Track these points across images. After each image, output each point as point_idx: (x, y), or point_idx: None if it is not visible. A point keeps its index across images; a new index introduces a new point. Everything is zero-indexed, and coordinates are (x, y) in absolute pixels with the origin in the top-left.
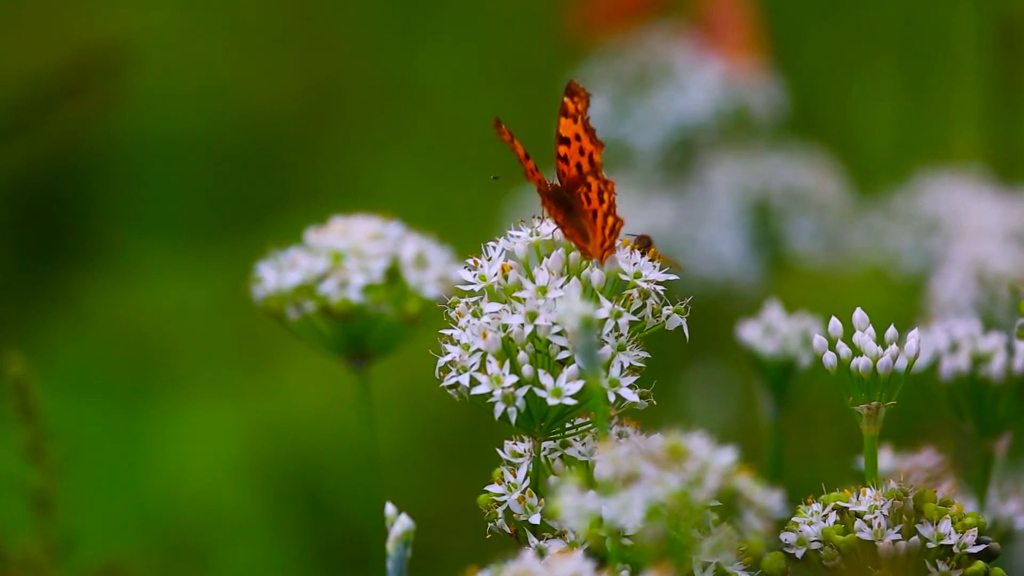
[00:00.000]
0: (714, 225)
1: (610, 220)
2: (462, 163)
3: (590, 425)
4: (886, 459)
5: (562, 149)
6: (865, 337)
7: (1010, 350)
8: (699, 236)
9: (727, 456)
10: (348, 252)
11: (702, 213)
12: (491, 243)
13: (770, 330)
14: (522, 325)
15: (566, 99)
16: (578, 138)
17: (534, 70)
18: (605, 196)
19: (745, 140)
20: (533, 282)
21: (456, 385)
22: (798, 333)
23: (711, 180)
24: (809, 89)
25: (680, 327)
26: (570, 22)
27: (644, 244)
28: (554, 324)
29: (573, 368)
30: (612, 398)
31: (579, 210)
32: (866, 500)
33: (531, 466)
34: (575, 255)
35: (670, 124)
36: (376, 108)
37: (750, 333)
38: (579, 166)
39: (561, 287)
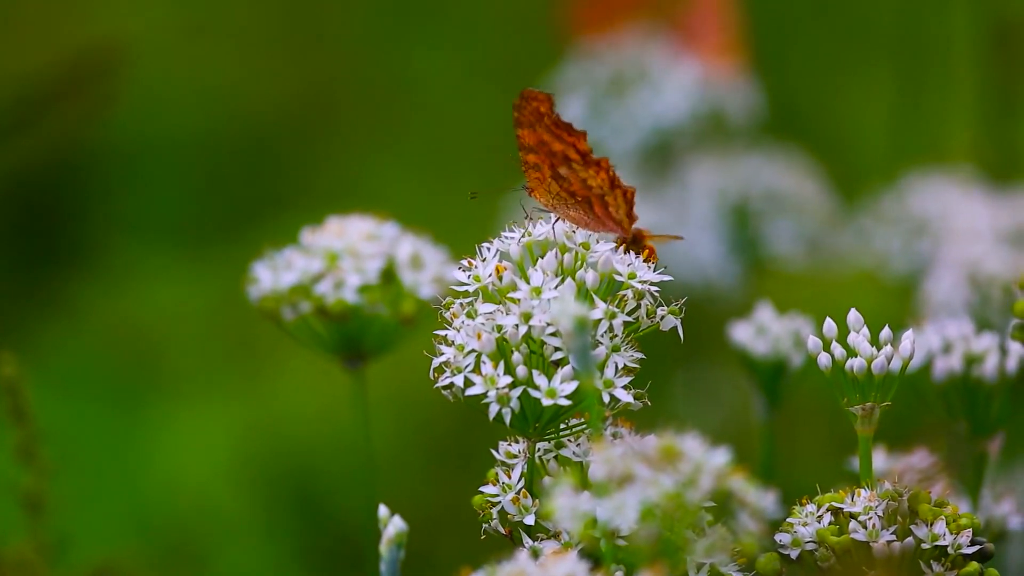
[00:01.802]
0: (693, 228)
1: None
2: (457, 165)
3: (584, 426)
4: (879, 460)
5: (531, 158)
6: (859, 338)
7: (1003, 351)
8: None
9: (721, 457)
10: (344, 252)
11: (681, 216)
12: (485, 244)
13: (761, 331)
14: (516, 326)
15: (516, 113)
16: (542, 143)
17: (529, 73)
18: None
19: (723, 143)
20: (528, 283)
21: (451, 386)
22: (789, 334)
23: (690, 183)
24: (801, 91)
25: (674, 328)
26: (561, 21)
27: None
28: (549, 325)
29: (567, 369)
30: (607, 399)
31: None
32: (861, 501)
33: (525, 467)
34: (569, 257)
35: (647, 127)
36: (372, 110)
37: (742, 334)
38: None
39: (556, 288)
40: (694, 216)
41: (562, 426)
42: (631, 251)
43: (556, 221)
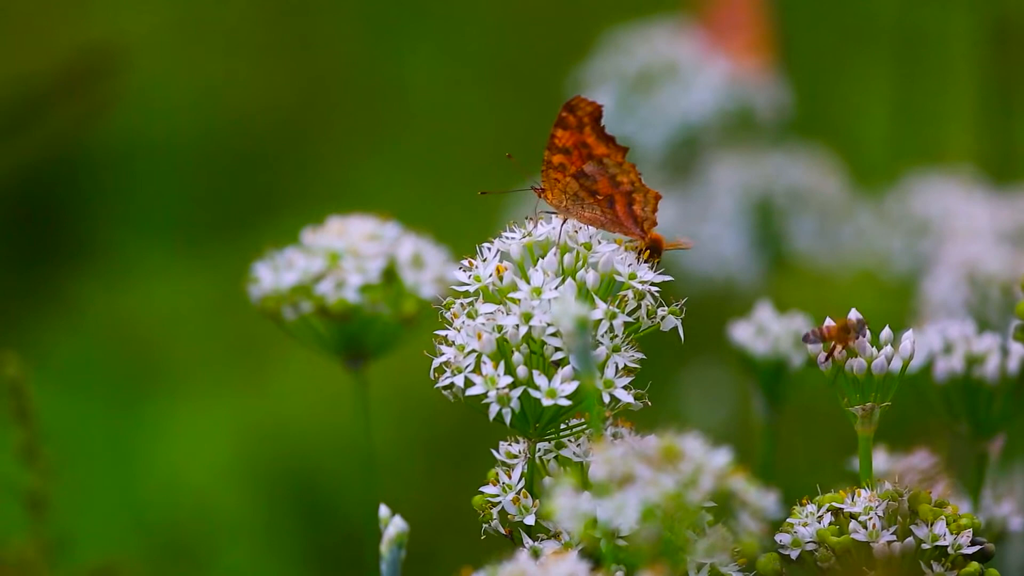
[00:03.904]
0: (716, 223)
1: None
2: (451, 167)
3: (585, 426)
4: (880, 460)
5: (558, 158)
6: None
7: (1004, 351)
8: (701, 234)
9: (722, 457)
10: (345, 252)
11: (705, 211)
12: (485, 244)
13: (761, 330)
14: (517, 326)
15: (565, 113)
16: (584, 145)
17: (521, 75)
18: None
19: (748, 139)
20: (528, 283)
21: (451, 386)
22: (789, 333)
23: (714, 179)
24: (804, 89)
25: (675, 328)
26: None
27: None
28: (549, 325)
29: (568, 369)
30: (607, 399)
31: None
32: (861, 501)
33: (526, 467)
34: (570, 257)
35: (674, 122)
36: (366, 112)
37: (742, 333)
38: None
39: (556, 288)
40: (717, 212)
41: (562, 426)
42: (649, 259)
43: (564, 222)
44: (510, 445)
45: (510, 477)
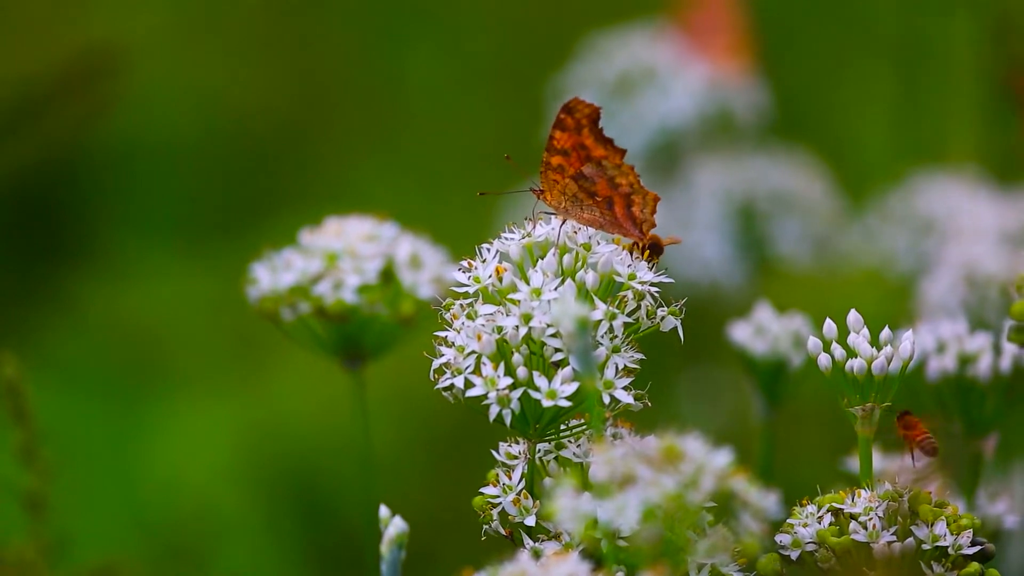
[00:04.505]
0: (699, 228)
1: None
2: (450, 167)
3: (585, 427)
4: (875, 460)
5: (556, 159)
6: (859, 339)
7: (997, 350)
8: (685, 239)
9: (722, 458)
10: (343, 253)
11: (687, 216)
12: (485, 245)
13: (761, 330)
14: (517, 327)
15: (563, 115)
16: (582, 147)
17: (522, 75)
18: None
19: (729, 143)
20: (528, 284)
21: (451, 387)
22: (789, 333)
23: (696, 183)
24: (802, 91)
25: (675, 328)
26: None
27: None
28: (549, 326)
29: (568, 370)
30: (607, 400)
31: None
32: (861, 502)
33: (526, 468)
34: (569, 257)
35: (654, 128)
36: (365, 112)
37: (741, 334)
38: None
39: (556, 289)
40: (700, 216)
41: (562, 427)
42: (648, 258)
43: (563, 223)
44: (510, 446)
45: (510, 478)
